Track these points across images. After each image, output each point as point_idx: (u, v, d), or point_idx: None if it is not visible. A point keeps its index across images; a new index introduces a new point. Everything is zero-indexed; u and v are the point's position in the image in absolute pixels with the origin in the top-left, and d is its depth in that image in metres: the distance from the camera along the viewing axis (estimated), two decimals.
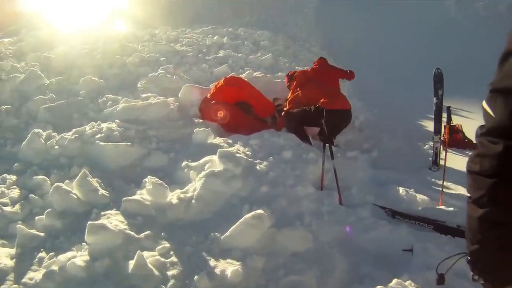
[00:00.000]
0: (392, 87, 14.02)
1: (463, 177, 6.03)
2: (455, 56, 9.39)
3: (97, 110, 8.15)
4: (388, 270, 4.35)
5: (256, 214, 4.59)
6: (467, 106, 10.52)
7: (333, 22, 25.06)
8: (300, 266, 4.25)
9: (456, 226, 5.28)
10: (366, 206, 5.74)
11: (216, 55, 13.96)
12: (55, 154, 6.31)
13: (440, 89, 7.79)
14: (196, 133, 6.93)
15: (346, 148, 8.03)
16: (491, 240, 1.65)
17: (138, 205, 4.85)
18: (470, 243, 1.80)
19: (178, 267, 3.95)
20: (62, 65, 10.74)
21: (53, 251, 4.13)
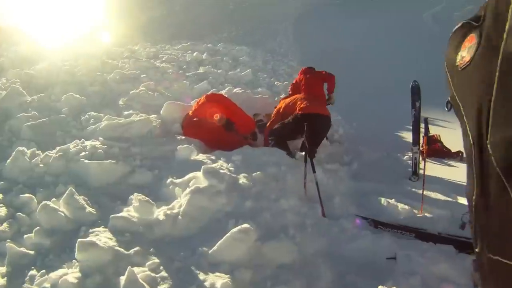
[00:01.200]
0: (370, 100, 14.18)
1: (442, 186, 6.21)
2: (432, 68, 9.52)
3: (80, 128, 8.16)
4: (373, 278, 4.46)
5: (242, 228, 4.67)
6: (444, 116, 10.69)
7: (311, 37, 25.30)
8: (287, 277, 4.33)
9: (437, 233, 5.45)
10: (349, 217, 5.86)
11: (196, 71, 14.06)
12: (40, 172, 6.31)
13: (417, 101, 7.97)
14: (179, 150, 7.00)
15: (327, 161, 8.14)
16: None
17: (125, 222, 4.90)
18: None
19: (169, 282, 4.01)
20: (43, 82, 10.71)
21: (44, 269, 4.14)
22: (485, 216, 1.08)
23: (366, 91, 15.23)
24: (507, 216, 0.96)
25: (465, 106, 1.11)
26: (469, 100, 1.07)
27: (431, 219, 5.86)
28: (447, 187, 7.14)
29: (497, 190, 0.98)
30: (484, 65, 0.98)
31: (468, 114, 1.09)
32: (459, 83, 1.13)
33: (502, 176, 0.94)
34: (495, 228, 1.03)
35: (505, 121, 0.92)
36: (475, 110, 1.03)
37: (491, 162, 0.97)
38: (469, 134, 1.08)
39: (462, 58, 1.08)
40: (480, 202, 1.09)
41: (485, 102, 0.98)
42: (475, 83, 1.03)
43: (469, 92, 1.07)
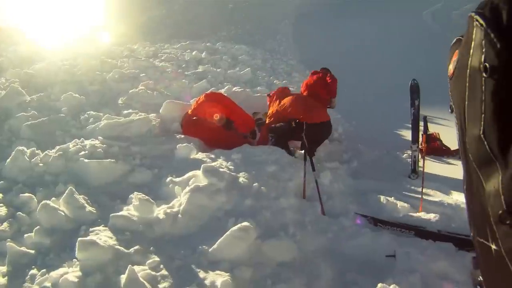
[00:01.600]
0: (370, 98, 14.16)
1: (441, 184, 6.20)
2: (432, 66, 9.54)
3: (80, 127, 8.17)
4: (373, 276, 4.48)
5: (242, 227, 4.69)
6: (443, 114, 10.67)
7: (310, 37, 25.27)
8: (287, 275, 4.35)
9: (437, 231, 5.45)
10: (348, 215, 5.87)
11: (195, 70, 14.08)
12: (40, 172, 6.32)
13: (416, 99, 7.98)
14: (179, 149, 7.01)
15: (327, 160, 8.14)
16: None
17: (125, 220, 4.91)
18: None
19: (169, 280, 4.02)
20: (42, 82, 10.72)
21: (44, 268, 4.16)
22: (471, 202, 1.20)
23: (365, 90, 15.20)
24: (483, 201, 1.07)
25: (455, 109, 1.23)
26: (456, 105, 1.20)
27: (430, 217, 5.86)
28: (446, 185, 7.13)
29: (476, 180, 1.10)
30: (460, 77, 1.12)
31: (457, 116, 1.21)
32: (451, 90, 1.26)
33: (476, 168, 1.07)
34: (477, 212, 1.14)
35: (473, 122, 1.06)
36: (459, 113, 1.17)
37: (469, 156, 1.10)
38: (457, 132, 1.22)
39: (449, 71, 1.23)
40: (468, 192, 1.21)
41: (462, 107, 1.12)
42: (457, 91, 1.17)
43: (455, 98, 1.21)
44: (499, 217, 1.00)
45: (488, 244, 1.07)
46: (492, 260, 1.07)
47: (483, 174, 1.06)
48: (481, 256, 1.19)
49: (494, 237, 1.04)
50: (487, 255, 1.10)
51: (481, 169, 1.06)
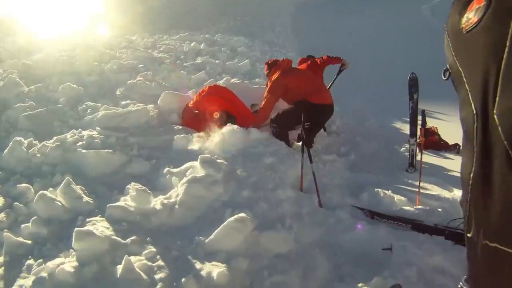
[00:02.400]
0: (368, 91, 14.19)
1: (439, 178, 6.21)
2: (430, 60, 9.54)
3: (77, 118, 8.16)
4: (369, 269, 4.49)
5: (238, 218, 4.69)
6: (441, 108, 10.71)
7: (309, 28, 25.27)
8: (283, 267, 4.35)
9: (433, 225, 5.45)
10: (345, 207, 5.88)
11: (193, 61, 14.06)
12: (38, 162, 6.32)
13: (415, 93, 7.97)
14: (176, 140, 7.02)
15: (324, 152, 8.14)
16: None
17: (122, 211, 4.91)
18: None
19: (165, 271, 4.02)
20: (40, 72, 10.70)
21: (41, 258, 4.16)
22: (484, 197, 0.99)
23: (364, 83, 15.22)
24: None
25: (468, 73, 1.03)
26: (474, 65, 0.98)
27: (427, 211, 5.86)
28: (444, 179, 7.15)
29: (502, 166, 0.91)
30: (493, 28, 0.90)
31: (472, 81, 1.01)
32: (462, 48, 1.05)
33: (509, 149, 0.87)
34: (496, 209, 0.95)
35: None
36: (480, 76, 0.95)
37: (497, 134, 0.90)
38: (472, 103, 1.01)
39: (468, 20, 1.00)
40: (479, 180, 1.01)
41: (493, 68, 0.90)
42: (481, 47, 0.95)
43: (474, 57, 0.99)
44: None
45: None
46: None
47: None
48: (487, 261, 1.02)
49: None
50: (505, 265, 0.93)
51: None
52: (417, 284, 4.27)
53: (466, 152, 1.07)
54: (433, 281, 4.36)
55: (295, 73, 8.70)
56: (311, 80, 8.43)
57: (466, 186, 1.08)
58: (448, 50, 1.12)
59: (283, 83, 8.22)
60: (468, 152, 1.05)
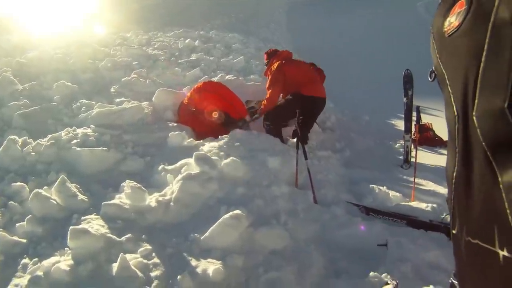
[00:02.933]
0: (363, 88, 14.17)
1: (433, 174, 6.22)
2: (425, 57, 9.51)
3: (72, 116, 8.16)
4: (364, 265, 4.50)
5: (233, 215, 4.69)
6: (436, 105, 10.67)
7: (304, 25, 25.29)
8: (279, 263, 4.35)
9: (429, 221, 5.47)
10: (340, 204, 5.89)
11: (188, 58, 14.04)
12: (32, 161, 6.31)
13: (410, 89, 7.97)
14: (171, 137, 7.00)
15: (319, 148, 8.14)
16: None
17: (117, 209, 4.90)
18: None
19: (161, 268, 4.02)
20: (35, 70, 10.67)
21: (36, 257, 4.16)
22: (466, 195, 1.02)
23: (359, 79, 15.22)
24: (491, 196, 0.90)
25: (451, 75, 1.05)
26: (455, 68, 1.01)
27: (422, 206, 5.88)
28: (439, 175, 7.15)
29: (481, 167, 0.93)
30: (473, 31, 0.93)
31: (454, 84, 1.03)
32: (444, 51, 1.07)
33: (487, 151, 0.89)
34: (476, 209, 0.97)
35: (493, 91, 0.87)
36: (461, 79, 0.97)
37: (476, 135, 0.92)
38: (453, 104, 1.04)
39: (450, 24, 1.02)
40: (461, 180, 1.04)
41: (472, 71, 0.92)
42: (462, 50, 0.97)
43: (455, 60, 1.01)
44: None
45: (494, 250, 0.90)
46: (497, 269, 0.91)
47: (498, 161, 0.87)
48: (471, 258, 1.04)
49: (509, 243, 0.86)
50: (487, 261, 0.94)
51: (497, 154, 0.87)
52: (413, 280, 4.28)
53: (450, 152, 1.10)
54: (428, 276, 4.36)
55: (295, 62, 8.78)
56: (307, 71, 8.55)
57: (450, 185, 1.11)
58: (433, 52, 1.14)
59: (283, 70, 8.26)
60: (451, 151, 1.09)
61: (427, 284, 4.21)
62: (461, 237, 1.06)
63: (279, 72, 8.22)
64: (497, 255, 0.89)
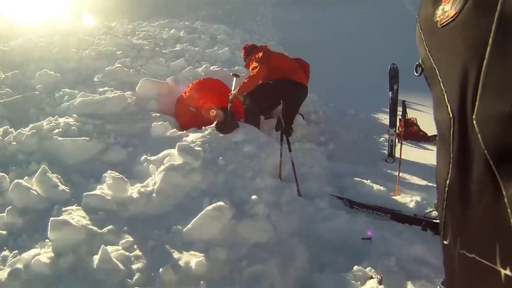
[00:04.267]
0: (348, 81, 14.18)
1: (418, 168, 6.22)
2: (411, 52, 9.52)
3: (54, 105, 8.08)
4: (348, 258, 4.50)
5: (216, 206, 4.66)
6: (421, 100, 10.70)
7: (290, 17, 25.26)
8: (262, 256, 4.32)
9: (413, 215, 5.46)
10: (325, 197, 5.87)
11: (173, 48, 13.98)
12: (13, 150, 6.23)
13: (395, 84, 7.95)
14: (154, 127, 6.95)
15: (304, 141, 8.12)
16: None
17: (99, 200, 4.85)
18: None
19: (143, 261, 3.98)
20: (17, 59, 10.62)
21: (16, 249, 4.09)
22: (462, 204, 0.92)
23: (344, 73, 15.21)
24: (492, 210, 0.81)
25: (444, 71, 0.94)
26: (450, 64, 0.90)
27: (406, 201, 5.90)
28: (423, 169, 7.16)
29: (481, 176, 0.83)
30: (473, 22, 0.82)
31: (448, 81, 0.92)
32: (437, 43, 0.96)
33: (490, 159, 0.79)
34: (474, 221, 0.88)
35: (499, 93, 0.77)
36: (458, 76, 0.86)
37: (477, 141, 0.82)
38: (448, 104, 0.92)
39: (444, 13, 0.90)
40: (456, 187, 0.94)
41: (472, 68, 0.82)
42: (460, 44, 0.86)
43: (450, 54, 0.90)
44: None
45: (494, 267, 0.82)
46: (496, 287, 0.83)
47: (503, 172, 0.77)
48: (465, 272, 0.95)
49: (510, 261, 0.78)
50: (484, 278, 0.87)
51: (502, 164, 0.77)
52: (397, 274, 4.27)
53: (442, 156, 0.99)
54: (413, 270, 4.36)
55: (277, 53, 8.82)
56: (291, 60, 8.63)
57: (442, 193, 1.00)
58: (421, 44, 1.04)
59: (269, 56, 8.26)
60: (444, 156, 0.97)
61: (411, 278, 4.21)
62: (454, 249, 0.97)
63: (265, 56, 8.21)
64: (498, 273, 0.81)
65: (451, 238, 1.00)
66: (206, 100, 7.84)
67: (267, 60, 8.09)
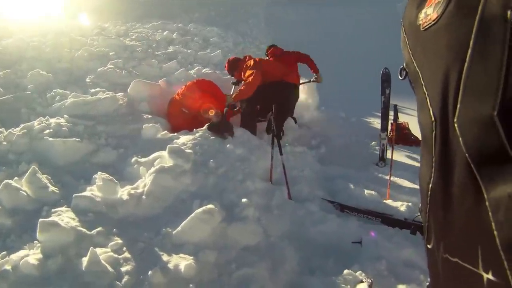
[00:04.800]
0: (340, 85, 14.18)
1: (409, 172, 6.23)
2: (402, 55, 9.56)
3: (45, 105, 8.05)
4: (339, 262, 4.51)
5: (206, 209, 4.65)
6: (413, 104, 10.64)
7: (283, 20, 25.29)
8: (252, 259, 4.33)
9: (403, 219, 5.47)
10: (315, 200, 5.87)
11: (165, 50, 14.00)
12: (3, 150, 6.19)
13: (387, 88, 7.96)
14: (145, 129, 6.93)
15: (295, 144, 8.12)
16: None
17: (88, 201, 4.82)
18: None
19: (132, 263, 3.97)
20: (9, 58, 10.60)
21: (4, 251, 4.06)
22: (444, 208, 0.92)
23: (336, 77, 15.14)
24: (474, 213, 0.80)
25: (426, 74, 0.94)
26: (432, 67, 0.90)
27: (397, 205, 5.91)
28: (414, 174, 7.16)
29: (463, 179, 0.82)
30: (455, 25, 0.82)
31: (430, 84, 0.92)
32: (419, 46, 0.97)
33: (471, 162, 0.79)
34: (456, 225, 0.88)
35: (480, 96, 0.76)
36: (439, 80, 0.85)
37: (458, 144, 0.81)
38: (430, 108, 0.93)
39: (426, 16, 0.91)
40: (438, 191, 0.94)
41: (453, 70, 0.81)
42: (441, 47, 0.85)
43: (432, 57, 0.90)
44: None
45: (477, 271, 0.81)
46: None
47: (484, 175, 0.76)
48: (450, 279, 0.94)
49: (495, 266, 0.76)
50: (467, 282, 0.85)
51: (483, 167, 0.77)
52: (387, 278, 4.29)
53: (425, 160, 1.00)
54: (403, 274, 4.38)
55: (266, 60, 8.90)
56: (280, 65, 8.58)
57: (425, 197, 1.03)
58: (405, 47, 1.06)
59: (260, 63, 8.22)
60: (426, 159, 0.98)
61: (401, 282, 4.22)
62: (438, 253, 0.98)
63: (257, 63, 8.20)
64: (480, 277, 0.81)
65: (434, 242, 1.00)
66: (200, 102, 7.82)
67: (260, 66, 8.08)
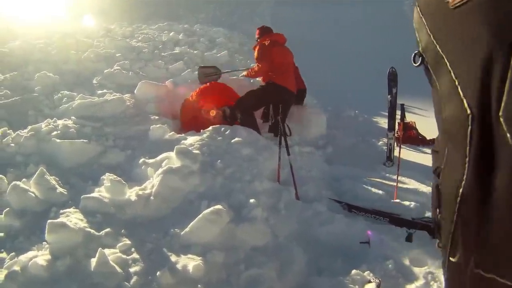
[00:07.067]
0: (347, 84, 14.16)
1: (416, 172, 6.22)
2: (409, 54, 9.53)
3: (53, 107, 8.06)
4: (347, 262, 4.51)
5: (214, 210, 4.65)
6: (420, 103, 10.70)
7: (288, 20, 25.19)
8: (260, 260, 4.33)
9: (411, 219, 5.46)
10: (323, 200, 5.87)
11: (172, 51, 13.93)
12: (11, 152, 6.21)
13: (394, 87, 7.96)
14: (152, 130, 6.93)
15: (302, 145, 8.11)
16: None
17: (97, 202, 4.84)
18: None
19: (140, 264, 3.98)
20: (16, 61, 10.57)
21: (13, 252, 4.08)
22: (480, 217, 0.80)
23: (343, 76, 15.18)
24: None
25: (456, 59, 0.82)
26: (466, 51, 0.78)
27: (404, 204, 5.91)
28: (421, 173, 7.15)
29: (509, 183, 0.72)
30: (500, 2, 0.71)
31: (462, 71, 0.81)
32: (446, 27, 0.84)
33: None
34: (497, 237, 0.77)
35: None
36: (478, 66, 0.76)
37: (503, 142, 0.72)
38: (463, 98, 0.81)
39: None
40: (473, 197, 0.81)
41: (498, 55, 0.72)
42: (479, 28, 0.75)
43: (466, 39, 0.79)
44: None
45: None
46: None
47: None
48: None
49: None
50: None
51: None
52: (395, 277, 4.29)
53: (454, 160, 0.87)
54: (411, 274, 4.37)
55: (283, 50, 8.72)
56: (290, 64, 8.64)
57: (452, 203, 0.87)
58: (422, 29, 0.92)
59: (273, 51, 8.31)
60: (456, 160, 0.85)
61: (409, 282, 4.21)
62: (465, 268, 0.85)
63: (269, 50, 8.31)
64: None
65: (462, 256, 0.88)
66: (215, 103, 7.91)
67: (269, 54, 8.23)
